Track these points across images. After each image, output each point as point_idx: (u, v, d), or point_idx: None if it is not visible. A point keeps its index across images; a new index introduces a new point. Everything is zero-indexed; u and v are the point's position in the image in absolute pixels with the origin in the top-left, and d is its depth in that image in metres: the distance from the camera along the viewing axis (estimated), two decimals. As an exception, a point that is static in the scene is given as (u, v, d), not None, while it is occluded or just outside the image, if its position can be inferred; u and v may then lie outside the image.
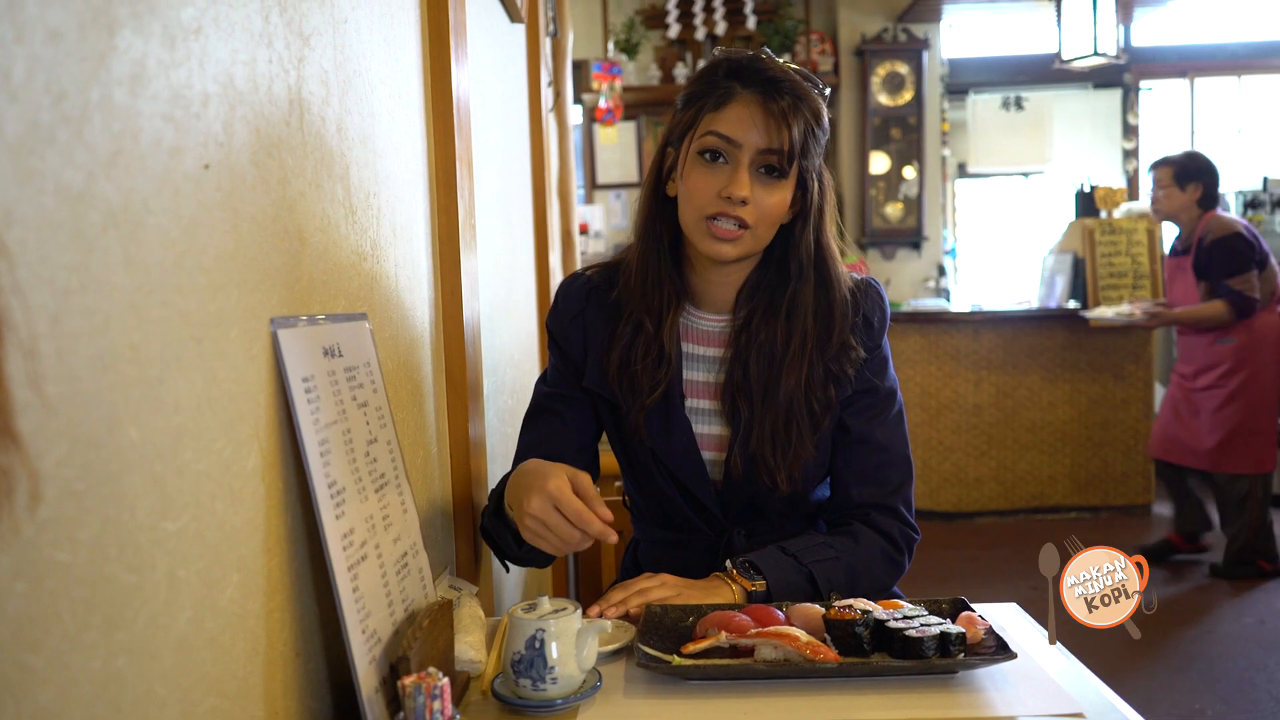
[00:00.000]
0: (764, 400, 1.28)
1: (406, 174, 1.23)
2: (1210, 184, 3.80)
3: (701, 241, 1.23)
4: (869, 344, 1.32)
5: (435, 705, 0.78)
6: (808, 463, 1.29)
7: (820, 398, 1.29)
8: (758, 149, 1.20)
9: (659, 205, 1.30)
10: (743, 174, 1.20)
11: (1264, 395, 3.72)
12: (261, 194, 0.78)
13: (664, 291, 1.30)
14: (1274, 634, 3.26)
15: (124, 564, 0.56)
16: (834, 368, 1.29)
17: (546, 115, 2.60)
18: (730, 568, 1.22)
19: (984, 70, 6.08)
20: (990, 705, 0.94)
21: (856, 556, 1.27)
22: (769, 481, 1.28)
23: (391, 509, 0.97)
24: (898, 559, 1.31)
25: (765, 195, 1.21)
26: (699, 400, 1.34)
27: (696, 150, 1.23)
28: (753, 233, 1.22)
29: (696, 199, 1.22)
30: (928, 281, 5.75)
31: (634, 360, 1.30)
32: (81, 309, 0.53)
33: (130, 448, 0.57)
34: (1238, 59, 6.05)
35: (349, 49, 1.01)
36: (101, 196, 0.55)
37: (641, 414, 1.30)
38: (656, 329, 1.30)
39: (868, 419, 1.33)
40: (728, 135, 1.20)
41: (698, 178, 1.22)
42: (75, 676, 0.52)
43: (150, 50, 0.61)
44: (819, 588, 1.22)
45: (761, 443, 1.27)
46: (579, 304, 1.36)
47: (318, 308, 0.90)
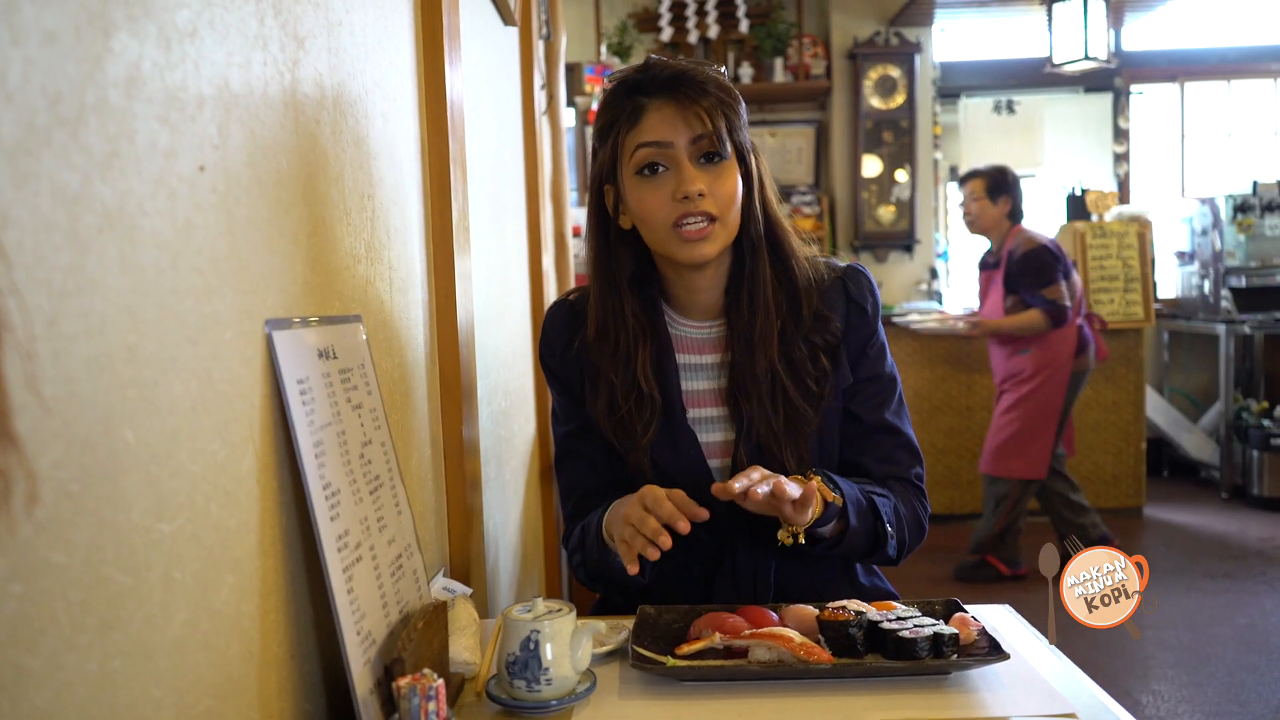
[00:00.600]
0: (754, 386, 1.28)
1: (400, 176, 1.23)
2: (1018, 198, 3.87)
3: (678, 250, 1.22)
4: (866, 329, 1.33)
5: (430, 706, 0.78)
6: (813, 438, 1.29)
7: (811, 370, 1.29)
8: (689, 139, 1.21)
9: (608, 245, 1.30)
10: (687, 169, 1.20)
11: (1048, 404, 3.77)
12: (256, 196, 0.78)
13: (629, 330, 1.29)
14: (1264, 635, 3.27)
15: (119, 565, 0.56)
16: (816, 340, 1.29)
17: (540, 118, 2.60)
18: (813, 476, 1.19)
19: (975, 74, 6.09)
20: (983, 706, 0.94)
21: (899, 500, 1.30)
22: (778, 467, 1.26)
23: (386, 510, 0.97)
24: (923, 523, 1.34)
25: (717, 182, 1.22)
26: (702, 409, 1.33)
27: (633, 171, 1.23)
28: (722, 222, 1.22)
29: (655, 214, 1.22)
30: (920, 284, 5.76)
31: (618, 406, 1.29)
32: (78, 311, 0.53)
33: (126, 449, 0.57)
34: (1227, 63, 6.08)
35: (343, 52, 1.01)
36: (97, 198, 0.55)
37: (642, 453, 1.29)
38: (630, 374, 1.29)
39: (875, 406, 1.34)
40: (656, 140, 1.21)
41: (646, 194, 1.22)
42: (71, 678, 0.52)
43: (146, 53, 0.61)
44: (877, 511, 1.23)
45: (761, 427, 1.27)
46: (567, 332, 1.35)
47: (312, 310, 0.90)
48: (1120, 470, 4.77)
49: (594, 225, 1.31)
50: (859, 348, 1.33)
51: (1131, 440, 4.75)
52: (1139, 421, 4.75)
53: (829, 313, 1.30)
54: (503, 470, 1.95)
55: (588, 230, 1.33)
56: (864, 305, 1.33)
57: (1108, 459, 4.76)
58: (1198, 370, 5.81)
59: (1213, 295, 5.28)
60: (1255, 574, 3.86)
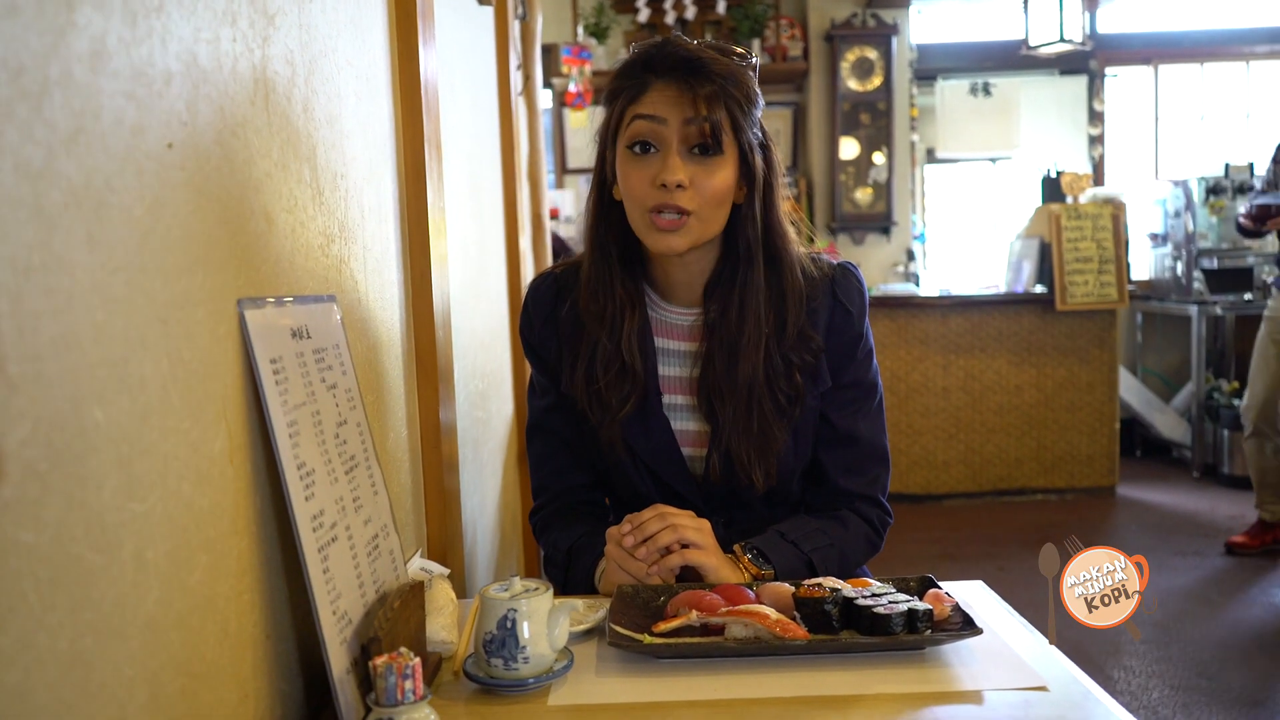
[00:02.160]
0: (731, 394, 1.26)
1: (374, 156, 1.22)
2: None
3: (648, 237, 1.21)
4: (850, 332, 1.30)
5: (407, 685, 0.79)
6: (784, 456, 1.29)
7: (785, 388, 1.27)
8: (683, 120, 1.18)
9: (604, 211, 1.28)
10: (673, 158, 1.18)
11: None
12: (227, 174, 0.77)
13: (616, 299, 1.27)
14: (1233, 612, 3.32)
15: (90, 544, 0.56)
16: (794, 358, 1.27)
17: (516, 99, 2.58)
18: (741, 554, 1.23)
19: (952, 56, 6.11)
20: (957, 680, 0.95)
21: (846, 542, 1.30)
22: (746, 480, 1.27)
23: (362, 491, 0.96)
24: (876, 542, 1.35)
25: (704, 176, 1.19)
26: (675, 396, 1.32)
27: (625, 145, 1.21)
28: (697, 217, 1.19)
29: (635, 194, 1.20)
30: (897, 266, 5.79)
31: (596, 377, 1.28)
32: (43, 288, 0.53)
33: (95, 428, 0.57)
34: (1201, 46, 6.12)
35: (314, 29, 1.00)
36: (63, 174, 0.55)
37: (615, 427, 1.29)
38: (615, 342, 1.28)
39: (851, 413, 1.33)
40: (651, 114, 1.18)
41: (631, 172, 1.20)
42: (41, 656, 0.51)
43: (111, 27, 0.60)
44: (816, 572, 1.23)
45: (734, 440, 1.26)
46: (549, 305, 1.34)
47: (285, 289, 0.89)
48: (1094, 450, 4.82)
49: (594, 190, 1.30)
50: (842, 351, 1.31)
51: (1105, 420, 4.80)
52: (1112, 402, 4.81)
53: (811, 331, 1.28)
54: (480, 452, 1.94)
55: (590, 193, 1.31)
56: (849, 307, 1.30)
57: (1082, 439, 4.81)
58: (1170, 351, 5.88)
59: (1185, 277, 5.34)
60: (1225, 551, 3.92)
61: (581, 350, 1.30)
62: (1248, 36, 6.11)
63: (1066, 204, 4.83)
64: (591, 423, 1.31)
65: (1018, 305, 4.78)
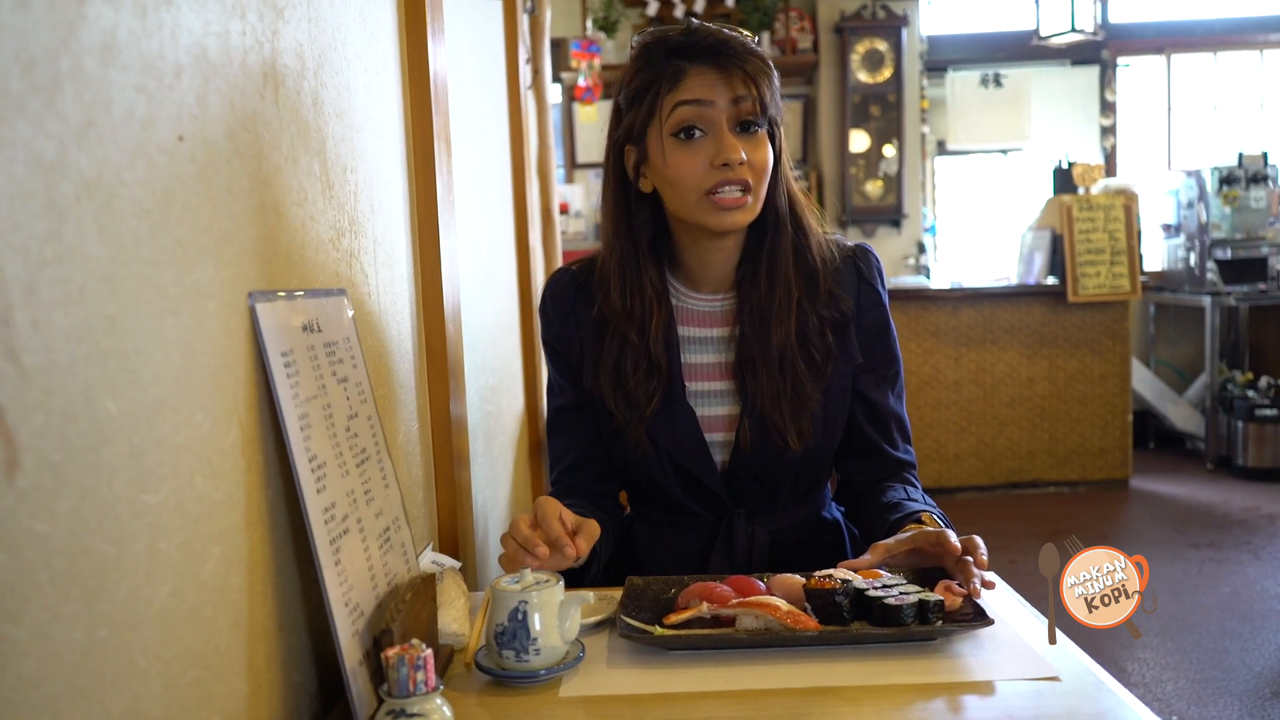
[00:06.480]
0: (764, 360, 1.28)
1: (384, 150, 1.23)
2: None
3: (709, 217, 1.21)
4: (880, 310, 1.35)
5: (419, 676, 0.79)
6: (816, 416, 1.29)
7: (819, 345, 1.29)
8: (731, 100, 1.20)
9: (628, 207, 1.29)
10: (727, 136, 1.20)
11: None
12: (237, 167, 0.77)
13: (646, 296, 1.28)
14: (1247, 603, 3.31)
15: (104, 536, 0.56)
16: (826, 314, 1.30)
17: (525, 93, 2.58)
18: (931, 520, 1.22)
19: (963, 47, 6.08)
20: (968, 670, 0.95)
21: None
22: (780, 442, 1.27)
23: (373, 483, 0.97)
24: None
25: (754, 151, 1.21)
26: (703, 383, 1.32)
27: (670, 132, 1.21)
28: (755, 193, 1.22)
29: (689, 179, 1.20)
30: (908, 259, 5.77)
31: (625, 377, 1.29)
32: (56, 279, 0.53)
33: (108, 420, 0.57)
34: (1214, 35, 6.08)
35: (324, 22, 1.00)
36: (74, 166, 0.55)
37: (642, 425, 1.29)
38: (644, 340, 1.28)
39: (889, 390, 1.37)
40: (698, 98, 1.20)
41: (682, 159, 1.21)
42: (57, 647, 0.52)
43: (121, 20, 0.60)
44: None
45: (768, 400, 1.27)
46: (569, 301, 1.34)
47: (295, 283, 0.89)
48: (1107, 442, 4.80)
49: (613, 187, 1.30)
50: (874, 329, 1.34)
51: (1118, 412, 4.78)
52: (1125, 394, 4.78)
53: (840, 291, 1.31)
54: (491, 446, 1.95)
55: (605, 193, 1.31)
56: (875, 285, 1.34)
57: (1094, 431, 4.79)
58: (1183, 342, 5.85)
59: (1198, 267, 5.31)
60: (1239, 543, 3.90)
61: (605, 349, 1.30)
62: (1261, 25, 6.05)
63: (1078, 195, 4.81)
64: (616, 422, 1.31)
65: (1029, 297, 4.76)
